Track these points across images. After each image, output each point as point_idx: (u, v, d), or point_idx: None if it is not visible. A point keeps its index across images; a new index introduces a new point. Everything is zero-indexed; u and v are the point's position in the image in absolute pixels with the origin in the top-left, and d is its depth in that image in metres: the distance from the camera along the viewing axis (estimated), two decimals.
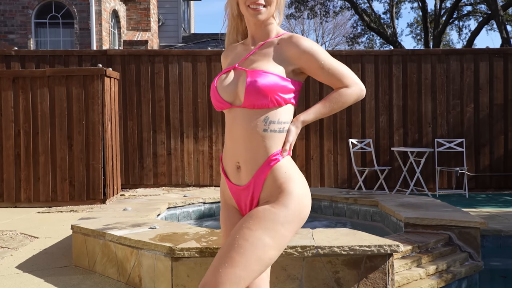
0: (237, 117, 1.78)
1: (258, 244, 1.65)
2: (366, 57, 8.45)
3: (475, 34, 18.08)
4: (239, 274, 1.62)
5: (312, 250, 2.96)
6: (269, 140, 1.76)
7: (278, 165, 1.76)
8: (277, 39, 1.85)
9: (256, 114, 1.75)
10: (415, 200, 4.90)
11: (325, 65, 1.81)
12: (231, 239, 1.68)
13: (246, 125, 1.75)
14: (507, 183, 8.27)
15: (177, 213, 5.01)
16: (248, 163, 1.77)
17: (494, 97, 8.35)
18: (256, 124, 1.75)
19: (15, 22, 11.81)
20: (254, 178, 1.77)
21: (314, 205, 5.43)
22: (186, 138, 8.41)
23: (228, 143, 1.83)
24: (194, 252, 3.02)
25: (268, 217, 1.69)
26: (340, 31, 33.31)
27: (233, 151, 1.81)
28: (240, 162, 1.79)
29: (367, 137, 8.36)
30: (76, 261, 3.90)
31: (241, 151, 1.78)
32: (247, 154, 1.77)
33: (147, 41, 13.37)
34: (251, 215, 1.72)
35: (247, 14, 1.83)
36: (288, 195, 1.73)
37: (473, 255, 3.87)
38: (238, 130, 1.78)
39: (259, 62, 1.80)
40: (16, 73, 7.00)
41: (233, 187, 1.84)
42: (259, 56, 1.83)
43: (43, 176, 6.85)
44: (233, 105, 1.79)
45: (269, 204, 1.73)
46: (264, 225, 1.68)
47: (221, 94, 1.82)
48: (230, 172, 1.85)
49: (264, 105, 1.74)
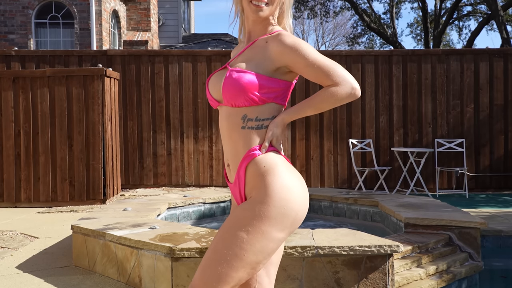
0: (222, 115, 1.83)
1: (233, 240, 1.65)
2: (366, 57, 8.45)
3: (475, 34, 18.08)
4: (219, 272, 1.63)
5: (312, 250, 2.96)
6: (247, 136, 1.76)
7: (257, 160, 1.74)
8: (267, 37, 1.82)
9: (236, 112, 1.77)
10: (415, 200, 4.90)
11: (310, 62, 1.74)
12: (213, 240, 1.73)
13: (227, 123, 1.79)
14: (507, 183, 8.27)
15: (177, 213, 5.01)
16: (233, 160, 1.81)
17: (494, 97, 8.35)
18: (235, 121, 1.77)
19: (15, 22, 11.81)
20: (236, 175, 1.79)
21: (314, 205, 5.43)
22: (186, 138, 8.41)
23: (222, 142, 1.89)
24: (194, 252, 3.02)
25: (245, 213, 1.68)
26: (340, 31, 33.32)
27: (224, 149, 1.87)
28: (228, 160, 1.84)
29: (367, 137, 8.36)
30: (76, 261, 3.90)
31: (227, 148, 1.83)
32: (230, 151, 1.81)
33: (147, 41, 13.38)
34: (231, 213, 1.77)
35: (248, 9, 1.82)
36: (265, 189, 1.69)
37: (473, 255, 3.87)
38: (223, 128, 1.83)
39: (242, 62, 1.79)
40: (16, 73, 7.00)
41: (229, 185, 1.89)
42: (247, 54, 1.82)
43: (43, 176, 6.85)
44: (220, 103, 1.84)
45: (250, 199, 1.73)
46: (241, 222, 1.67)
47: (211, 92, 1.87)
48: (227, 170, 1.90)
49: (241, 103, 1.74)
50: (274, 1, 1.81)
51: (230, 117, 1.78)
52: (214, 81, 1.86)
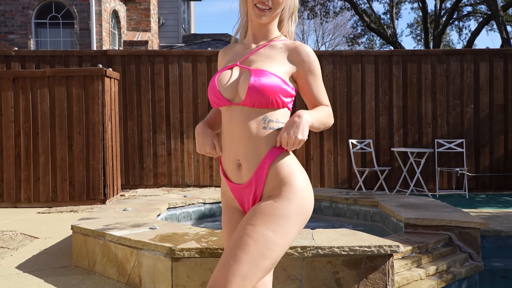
0: (236, 115, 1.78)
1: (261, 240, 1.64)
2: (366, 58, 8.46)
3: (475, 34, 18.09)
4: (246, 271, 1.61)
5: (312, 250, 2.96)
6: (269, 136, 1.76)
7: (280, 159, 1.76)
8: (280, 43, 1.87)
9: (256, 113, 1.76)
10: (415, 200, 4.90)
11: (319, 77, 1.87)
12: (235, 237, 1.67)
13: (245, 123, 1.76)
14: (507, 183, 8.27)
15: (177, 214, 5.01)
16: (249, 160, 1.77)
17: (494, 97, 8.35)
18: (256, 122, 1.76)
19: (15, 22, 11.81)
20: (255, 174, 1.76)
21: (314, 206, 5.42)
22: (186, 139, 8.41)
23: (227, 143, 1.82)
24: (194, 252, 3.02)
25: (271, 211, 1.69)
26: (340, 31, 33.32)
27: (232, 149, 1.80)
28: (241, 160, 1.78)
29: (367, 138, 8.36)
30: (76, 261, 3.90)
31: (241, 148, 1.77)
32: (247, 151, 1.76)
33: (147, 42, 13.38)
34: (254, 211, 1.71)
35: (252, 12, 1.84)
36: (290, 188, 1.72)
37: (473, 255, 3.87)
38: (237, 128, 1.77)
39: (262, 63, 1.80)
40: (16, 73, 7.00)
41: (234, 187, 1.83)
42: (261, 56, 1.84)
43: (43, 176, 6.85)
44: (232, 103, 1.79)
45: (272, 198, 1.72)
46: (266, 220, 1.67)
47: (221, 91, 1.81)
48: (230, 172, 1.83)
49: (264, 104, 1.75)
50: (277, 7, 1.83)
51: (250, 117, 1.75)
52: (226, 80, 1.81)
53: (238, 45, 1.96)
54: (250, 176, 1.77)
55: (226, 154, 1.83)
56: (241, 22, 1.95)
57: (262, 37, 1.90)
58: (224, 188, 1.91)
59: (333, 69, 8.40)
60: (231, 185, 1.84)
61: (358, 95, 8.40)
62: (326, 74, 8.39)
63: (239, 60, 1.86)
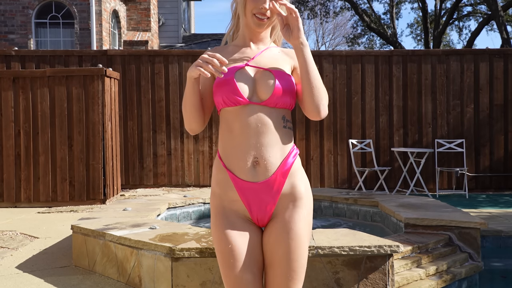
0: (255, 114, 1.78)
1: (305, 252, 1.80)
2: (366, 58, 8.46)
3: (475, 34, 18.09)
4: (300, 281, 1.82)
5: (312, 250, 2.96)
6: (287, 136, 1.83)
7: (297, 160, 1.85)
8: (276, 48, 1.96)
9: (276, 112, 1.80)
10: (415, 200, 4.90)
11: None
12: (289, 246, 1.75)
13: (267, 121, 1.78)
14: (507, 183, 8.27)
15: (177, 214, 5.01)
16: (269, 158, 1.77)
17: (494, 97, 8.35)
18: (277, 120, 1.80)
19: (15, 22, 11.81)
20: (277, 173, 1.78)
21: (314, 206, 5.42)
22: (186, 138, 8.41)
23: (239, 140, 1.78)
24: (194, 252, 3.02)
25: (306, 219, 1.81)
26: (340, 31, 33.32)
27: (247, 147, 1.77)
28: (259, 158, 1.77)
29: (367, 138, 8.36)
30: (76, 261, 3.90)
31: (260, 147, 1.77)
32: (268, 150, 1.77)
33: (147, 41, 13.38)
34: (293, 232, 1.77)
35: (251, 21, 1.88)
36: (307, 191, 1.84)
37: (473, 255, 3.87)
38: (256, 127, 1.77)
39: (273, 64, 1.86)
40: (16, 73, 7.00)
41: (244, 184, 1.79)
42: (268, 58, 1.89)
43: (43, 176, 6.85)
44: (251, 102, 1.79)
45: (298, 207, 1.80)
46: (305, 231, 1.80)
47: (241, 89, 1.79)
48: (241, 169, 1.79)
49: (284, 105, 1.81)
50: (273, 16, 1.89)
51: (272, 116, 1.79)
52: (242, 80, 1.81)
53: (229, 46, 1.97)
54: (270, 174, 1.77)
55: (237, 152, 1.79)
56: (233, 25, 2.00)
57: (259, 42, 1.95)
58: (219, 190, 1.84)
59: (333, 69, 8.40)
60: (239, 183, 1.79)
61: (358, 95, 8.40)
62: (326, 74, 8.39)
63: (245, 60, 1.87)
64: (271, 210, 1.80)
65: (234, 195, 1.81)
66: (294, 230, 1.76)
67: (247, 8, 1.87)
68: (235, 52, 1.91)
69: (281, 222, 1.78)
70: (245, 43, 1.94)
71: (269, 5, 1.83)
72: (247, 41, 1.93)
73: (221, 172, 1.83)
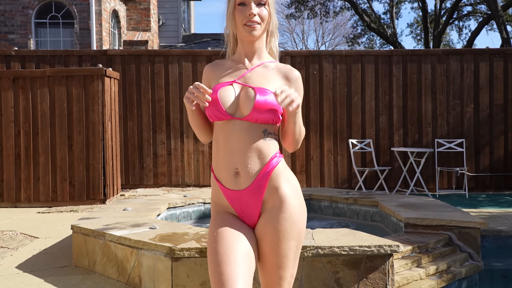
0: (236, 129, 1.88)
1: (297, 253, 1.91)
2: (366, 57, 8.46)
3: (475, 34, 18.08)
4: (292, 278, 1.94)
5: (312, 250, 2.96)
6: (268, 146, 1.90)
7: (280, 165, 1.92)
8: (272, 64, 2.00)
9: (256, 127, 1.88)
10: (415, 200, 4.90)
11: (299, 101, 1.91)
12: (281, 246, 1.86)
13: (246, 136, 1.88)
14: (507, 183, 8.26)
15: (177, 213, 5.01)
16: (248, 168, 1.88)
17: (494, 97, 8.35)
18: (256, 134, 1.88)
19: (15, 22, 11.81)
20: (257, 179, 1.87)
21: (314, 205, 5.44)
22: (186, 138, 8.40)
23: (223, 153, 1.91)
24: (194, 252, 3.02)
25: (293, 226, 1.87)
26: (340, 31, 33.28)
27: (229, 159, 1.89)
28: (239, 168, 1.88)
29: (367, 137, 8.36)
30: (76, 261, 3.90)
31: (241, 158, 1.88)
32: (247, 161, 1.88)
33: (147, 41, 13.37)
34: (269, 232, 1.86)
35: (243, 31, 1.94)
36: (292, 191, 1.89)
37: (473, 255, 3.87)
38: (237, 141, 1.88)
39: (260, 82, 1.92)
40: (16, 73, 7.00)
41: (230, 193, 1.91)
42: (258, 75, 1.95)
43: (43, 176, 6.85)
44: (233, 117, 1.88)
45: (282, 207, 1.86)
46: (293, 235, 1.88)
47: (225, 106, 1.89)
48: (226, 180, 1.91)
49: (265, 121, 1.88)
50: (264, 19, 1.94)
51: (251, 131, 1.88)
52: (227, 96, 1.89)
53: (227, 61, 2.04)
54: (250, 182, 1.88)
55: (222, 164, 1.92)
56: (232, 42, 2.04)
57: (254, 56, 2.00)
58: (215, 198, 1.99)
59: (333, 69, 8.40)
60: (226, 192, 1.92)
61: (358, 95, 8.40)
62: (326, 74, 8.39)
63: (235, 77, 1.95)
64: (257, 212, 1.91)
65: (225, 201, 1.95)
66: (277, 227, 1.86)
67: (237, 23, 1.94)
68: (231, 68, 1.99)
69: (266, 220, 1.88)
70: (240, 58, 2.01)
71: (256, 11, 1.90)
72: (242, 56, 2.00)
73: (213, 182, 1.98)
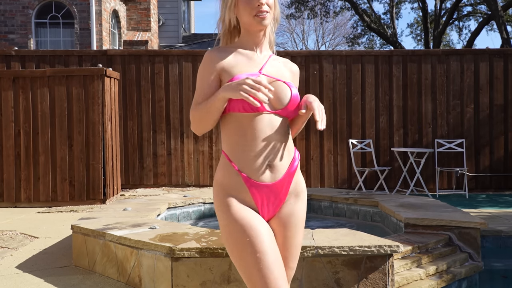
0: (271, 121, 1.87)
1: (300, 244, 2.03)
2: (366, 58, 8.46)
3: (475, 34, 18.08)
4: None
5: (312, 250, 2.96)
6: (290, 140, 1.97)
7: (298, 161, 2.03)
8: (277, 58, 2.03)
9: (284, 121, 1.92)
10: (415, 200, 4.90)
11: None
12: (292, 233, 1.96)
13: (278, 129, 1.88)
14: (507, 183, 8.26)
15: (177, 213, 5.01)
16: (281, 161, 1.90)
17: (494, 97, 8.35)
18: (286, 128, 1.93)
19: (15, 22, 11.81)
20: (286, 174, 1.91)
21: (314, 206, 5.43)
22: (186, 138, 8.40)
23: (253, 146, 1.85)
24: (194, 252, 3.02)
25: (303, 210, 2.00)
26: (340, 31, 33.29)
27: (262, 153, 1.86)
28: (273, 161, 1.88)
29: (367, 138, 8.36)
30: (76, 261, 3.90)
31: (273, 151, 1.88)
32: (279, 153, 1.90)
33: (147, 41, 13.37)
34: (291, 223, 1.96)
35: (253, 22, 1.90)
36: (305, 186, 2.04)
37: (473, 255, 3.87)
38: (271, 133, 1.87)
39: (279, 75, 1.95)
40: (16, 73, 7.00)
41: (260, 186, 1.87)
42: (273, 68, 1.96)
43: (43, 176, 6.85)
44: (271, 111, 1.88)
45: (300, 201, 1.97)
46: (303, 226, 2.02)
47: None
48: (257, 173, 1.86)
49: (292, 115, 1.93)
50: (272, 6, 1.93)
51: (282, 123, 1.90)
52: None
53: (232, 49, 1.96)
54: (281, 175, 1.90)
55: (251, 157, 1.86)
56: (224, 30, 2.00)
57: (262, 46, 1.99)
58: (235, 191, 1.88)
59: (333, 69, 8.40)
60: (254, 184, 1.86)
61: (358, 95, 8.40)
62: (326, 74, 8.39)
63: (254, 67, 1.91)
64: (281, 204, 1.94)
65: (247, 196, 1.88)
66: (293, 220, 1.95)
67: (244, 14, 1.90)
68: (244, 57, 1.94)
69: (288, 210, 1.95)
70: (249, 48, 1.96)
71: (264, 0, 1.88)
72: (251, 45, 1.96)
73: (233, 175, 1.88)
